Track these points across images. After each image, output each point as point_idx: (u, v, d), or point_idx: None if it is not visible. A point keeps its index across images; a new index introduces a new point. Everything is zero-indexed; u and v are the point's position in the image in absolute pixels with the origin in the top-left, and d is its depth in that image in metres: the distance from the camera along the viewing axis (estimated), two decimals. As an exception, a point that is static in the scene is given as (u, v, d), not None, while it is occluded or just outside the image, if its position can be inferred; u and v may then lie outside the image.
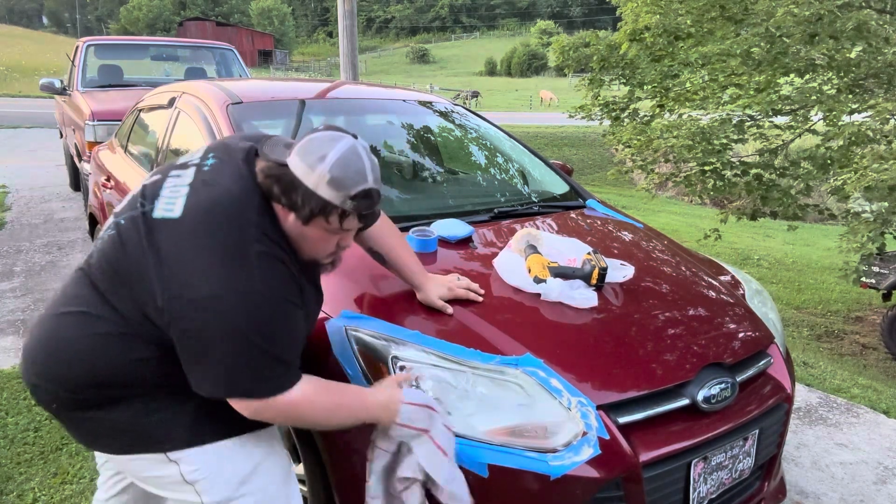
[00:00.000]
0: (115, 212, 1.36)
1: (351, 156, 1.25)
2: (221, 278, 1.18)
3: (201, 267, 1.18)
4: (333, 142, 1.25)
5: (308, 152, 1.24)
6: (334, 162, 1.23)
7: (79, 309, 1.28)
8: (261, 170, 1.28)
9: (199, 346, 1.20)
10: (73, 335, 1.27)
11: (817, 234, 10.75)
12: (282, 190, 1.24)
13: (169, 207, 1.26)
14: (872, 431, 2.98)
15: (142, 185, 1.36)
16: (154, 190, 1.31)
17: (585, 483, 1.46)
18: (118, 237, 1.28)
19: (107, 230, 1.33)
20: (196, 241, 1.20)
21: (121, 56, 7.23)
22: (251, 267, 1.20)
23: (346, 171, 1.24)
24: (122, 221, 1.30)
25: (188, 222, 1.23)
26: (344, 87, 3.28)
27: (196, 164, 1.35)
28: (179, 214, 1.24)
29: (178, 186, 1.29)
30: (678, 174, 6.21)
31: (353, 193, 1.24)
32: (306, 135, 1.28)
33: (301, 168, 1.23)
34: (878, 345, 5.71)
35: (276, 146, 1.30)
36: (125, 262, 1.25)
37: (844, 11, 4.99)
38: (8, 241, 5.55)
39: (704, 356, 1.76)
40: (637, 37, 6.46)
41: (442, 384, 1.51)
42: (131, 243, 1.25)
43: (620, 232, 2.49)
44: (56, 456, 2.50)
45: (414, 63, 68.38)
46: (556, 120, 20.03)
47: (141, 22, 69.38)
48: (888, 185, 4.25)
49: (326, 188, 1.23)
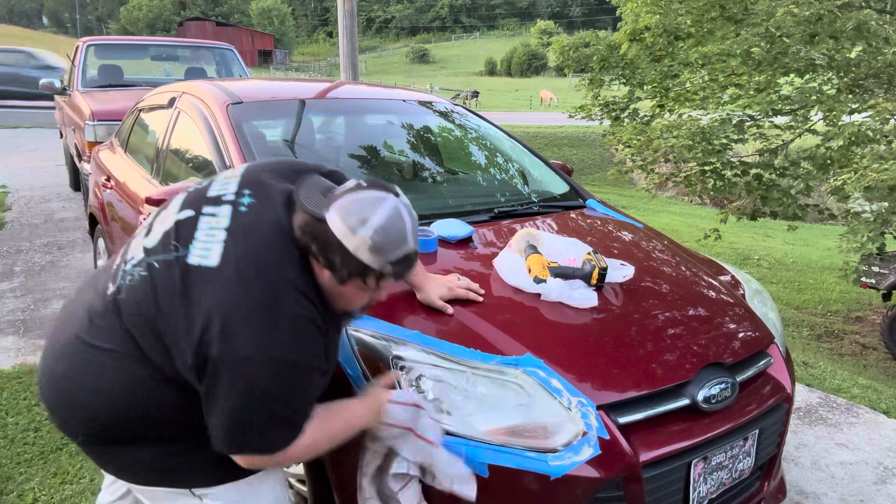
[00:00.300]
0: (147, 246, 1.29)
1: (394, 220, 1.21)
2: (253, 340, 1.15)
3: (234, 325, 1.15)
4: (376, 204, 1.21)
5: (349, 213, 1.19)
6: (377, 227, 1.19)
7: (110, 346, 1.25)
8: (299, 226, 1.23)
9: (218, 401, 1.18)
10: (105, 374, 1.24)
11: (817, 234, 10.75)
12: (320, 249, 1.21)
13: (205, 254, 1.21)
14: (872, 431, 2.98)
15: (174, 222, 1.29)
16: (188, 231, 1.26)
17: (585, 483, 1.47)
18: (150, 281, 1.24)
19: (137, 267, 1.27)
20: (232, 297, 1.17)
21: (121, 56, 7.23)
22: (284, 331, 1.17)
23: (388, 237, 1.20)
24: (157, 265, 1.24)
25: (225, 275, 1.19)
26: (344, 87, 3.29)
27: (231, 200, 1.29)
28: (217, 264, 1.19)
29: (214, 229, 1.24)
30: (678, 174, 6.22)
31: (394, 259, 1.22)
32: (348, 191, 1.23)
33: (341, 229, 1.19)
34: (878, 345, 5.72)
35: (312, 193, 1.26)
36: (157, 310, 1.21)
37: (844, 11, 4.98)
38: (8, 241, 5.55)
39: (704, 356, 1.76)
40: (637, 37, 6.46)
41: (442, 384, 1.51)
42: (164, 291, 1.21)
43: (620, 232, 2.49)
44: (56, 456, 2.50)
45: (414, 63, 68.40)
46: (556, 120, 20.01)
47: (141, 22, 69.41)
48: (888, 185, 4.26)
49: (367, 253, 1.19)
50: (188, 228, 1.26)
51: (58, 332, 1.34)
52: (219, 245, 1.22)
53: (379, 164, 2.76)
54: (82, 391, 1.26)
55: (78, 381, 1.26)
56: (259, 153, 2.28)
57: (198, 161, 2.57)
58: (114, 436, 1.27)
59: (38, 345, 3.51)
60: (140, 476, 1.33)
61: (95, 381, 1.25)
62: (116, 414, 1.25)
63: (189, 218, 1.28)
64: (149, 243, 1.30)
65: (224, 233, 1.23)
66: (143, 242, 1.32)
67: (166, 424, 1.27)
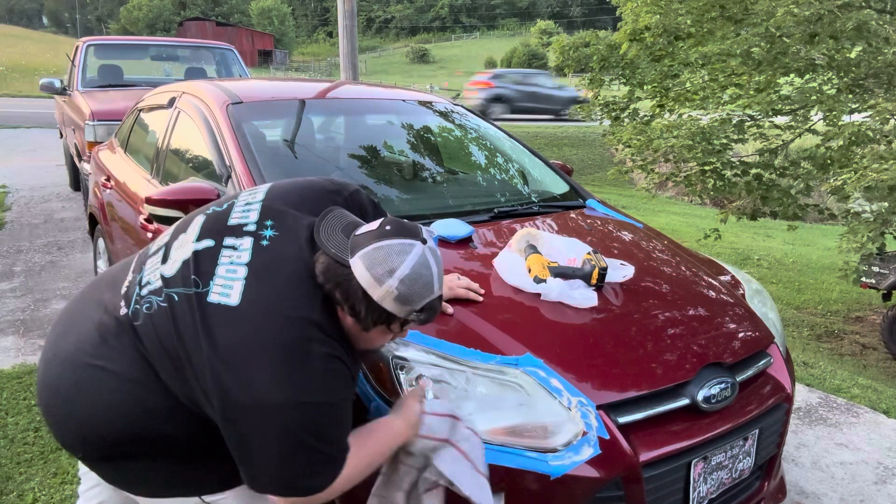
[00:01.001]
0: (165, 275, 1.25)
1: (420, 269, 1.19)
2: (282, 385, 1.12)
3: (261, 370, 1.12)
4: (403, 254, 1.18)
5: (375, 263, 1.17)
6: (403, 278, 1.17)
7: (123, 371, 1.21)
8: (321, 270, 1.20)
9: (256, 448, 1.14)
10: (118, 398, 1.21)
11: (817, 234, 10.74)
12: (344, 296, 1.18)
13: (226, 292, 1.18)
14: (872, 431, 2.98)
15: (193, 252, 1.26)
16: (209, 264, 1.23)
17: (585, 483, 1.47)
18: (170, 314, 1.20)
19: (154, 295, 1.24)
20: (255, 339, 1.14)
21: (121, 56, 7.23)
22: (312, 372, 1.15)
23: (414, 287, 1.18)
24: (176, 298, 1.21)
25: (247, 316, 1.16)
26: (344, 87, 3.29)
27: (252, 232, 1.26)
28: (237, 303, 1.17)
29: (235, 265, 1.22)
30: (678, 174, 6.21)
31: (420, 308, 1.20)
32: (374, 237, 1.20)
33: (367, 279, 1.17)
34: (878, 345, 5.71)
35: (334, 233, 1.23)
36: (180, 345, 1.18)
37: (844, 11, 4.98)
38: (8, 241, 5.55)
39: (704, 356, 1.76)
40: (637, 37, 6.45)
41: (442, 384, 1.51)
42: (185, 325, 1.18)
43: (620, 232, 2.49)
44: (56, 456, 2.50)
45: (414, 63, 68.37)
46: (555, 120, 20.03)
47: (141, 22, 69.35)
48: (888, 185, 4.25)
49: (392, 303, 1.18)
50: (208, 262, 1.23)
51: (61, 342, 1.30)
52: (240, 282, 1.19)
53: (379, 164, 2.76)
54: (91, 412, 1.22)
55: (86, 401, 1.22)
56: (259, 153, 2.28)
57: (198, 161, 2.57)
58: (125, 452, 1.24)
59: (38, 345, 3.51)
60: (149, 489, 1.30)
61: (105, 403, 1.21)
62: (130, 436, 1.22)
63: (209, 249, 1.25)
64: (167, 272, 1.26)
65: (245, 269, 1.21)
66: (160, 269, 1.28)
67: (178, 445, 1.25)
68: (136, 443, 1.23)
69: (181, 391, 1.20)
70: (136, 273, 1.32)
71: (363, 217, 1.39)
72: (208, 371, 1.15)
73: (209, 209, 1.36)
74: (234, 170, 2.22)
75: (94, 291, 1.37)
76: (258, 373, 1.12)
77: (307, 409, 1.13)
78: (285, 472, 1.15)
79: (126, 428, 1.21)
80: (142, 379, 1.21)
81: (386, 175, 2.72)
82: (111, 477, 1.31)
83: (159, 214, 2.16)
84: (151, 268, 1.30)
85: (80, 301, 1.38)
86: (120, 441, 1.23)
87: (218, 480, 1.31)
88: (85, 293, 1.40)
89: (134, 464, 1.26)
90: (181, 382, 1.19)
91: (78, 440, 1.25)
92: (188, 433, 1.24)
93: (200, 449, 1.26)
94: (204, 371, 1.15)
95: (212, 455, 1.26)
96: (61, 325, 1.35)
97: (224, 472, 1.29)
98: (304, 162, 2.54)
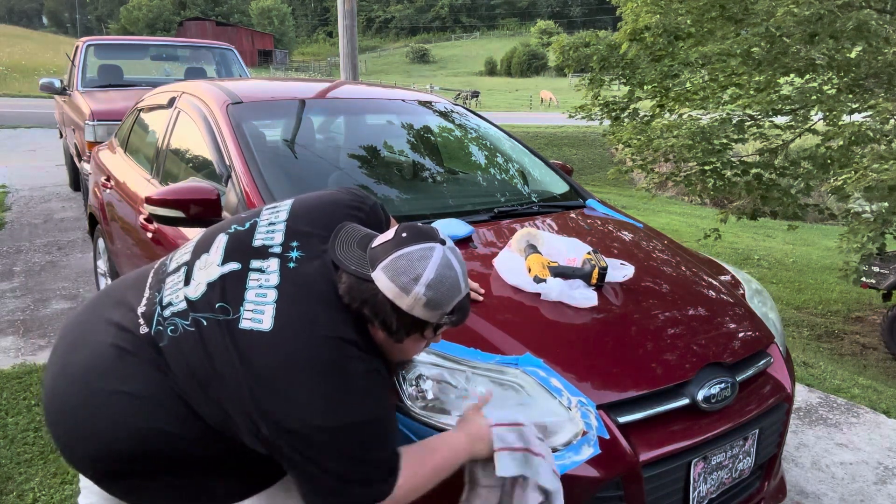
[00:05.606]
0: (190, 298, 1.23)
1: (445, 271, 1.18)
2: (328, 407, 1.12)
3: (305, 393, 1.11)
4: (425, 259, 1.17)
5: (399, 273, 1.16)
6: (429, 283, 1.16)
7: (141, 393, 1.18)
8: (345, 292, 1.19)
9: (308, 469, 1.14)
10: (134, 420, 1.18)
11: (817, 234, 10.75)
12: (373, 312, 1.17)
13: (258, 318, 1.16)
14: (872, 431, 2.98)
15: (220, 275, 1.24)
16: (237, 289, 1.21)
17: (585, 482, 1.46)
18: (200, 339, 1.18)
19: (180, 318, 1.21)
20: (294, 364, 1.13)
21: (121, 56, 7.24)
22: (355, 390, 1.14)
23: (441, 289, 1.17)
24: (205, 323, 1.19)
25: (282, 340, 1.14)
26: (344, 87, 3.29)
27: (278, 254, 1.25)
28: (270, 328, 1.15)
29: (265, 289, 1.20)
30: (678, 174, 6.22)
31: (451, 309, 1.20)
32: (392, 247, 1.19)
33: (393, 290, 1.16)
34: (878, 345, 5.71)
35: (350, 249, 1.22)
36: (213, 372, 1.16)
37: (844, 11, 4.98)
38: (8, 241, 5.55)
39: (704, 356, 1.76)
40: (637, 37, 6.46)
41: (442, 384, 1.51)
42: (220, 354, 1.16)
43: (620, 232, 2.49)
44: (56, 456, 2.50)
45: (414, 63, 68.38)
46: (556, 120, 20.02)
47: (141, 22, 69.34)
48: (888, 185, 4.26)
49: (423, 310, 1.17)
50: (236, 287, 1.22)
51: (70, 357, 1.26)
52: (271, 307, 1.17)
53: (379, 164, 2.76)
54: (103, 432, 1.19)
55: (101, 424, 1.19)
56: (259, 153, 2.28)
57: (198, 161, 2.57)
58: (143, 468, 1.21)
59: (38, 345, 3.51)
60: (168, 502, 1.28)
61: (121, 424, 1.18)
62: (151, 457, 1.20)
63: (235, 272, 1.24)
64: (192, 294, 1.24)
65: (275, 292, 1.19)
66: (184, 291, 1.25)
67: (201, 462, 1.23)
68: (152, 460, 1.21)
69: (208, 413, 1.18)
70: (154, 290, 1.30)
71: (382, 231, 1.37)
72: (249, 398, 1.13)
73: (230, 227, 1.34)
74: (234, 170, 2.22)
75: (102, 308, 1.33)
76: (303, 397, 1.11)
77: (353, 428, 1.13)
78: (343, 489, 1.15)
79: (139, 446, 1.19)
80: (163, 400, 1.19)
81: (386, 175, 2.72)
82: (123, 494, 1.28)
83: (159, 214, 2.16)
84: (173, 287, 1.27)
85: (90, 314, 1.34)
86: (135, 458, 1.20)
87: (233, 489, 1.30)
88: (93, 308, 1.36)
89: (147, 482, 1.23)
90: (209, 404, 1.18)
91: (87, 459, 1.23)
92: (211, 453, 1.22)
93: (219, 464, 1.25)
94: (242, 397, 1.14)
95: (228, 469, 1.26)
96: (69, 339, 1.31)
97: (239, 480, 1.29)
98: (303, 162, 2.54)
